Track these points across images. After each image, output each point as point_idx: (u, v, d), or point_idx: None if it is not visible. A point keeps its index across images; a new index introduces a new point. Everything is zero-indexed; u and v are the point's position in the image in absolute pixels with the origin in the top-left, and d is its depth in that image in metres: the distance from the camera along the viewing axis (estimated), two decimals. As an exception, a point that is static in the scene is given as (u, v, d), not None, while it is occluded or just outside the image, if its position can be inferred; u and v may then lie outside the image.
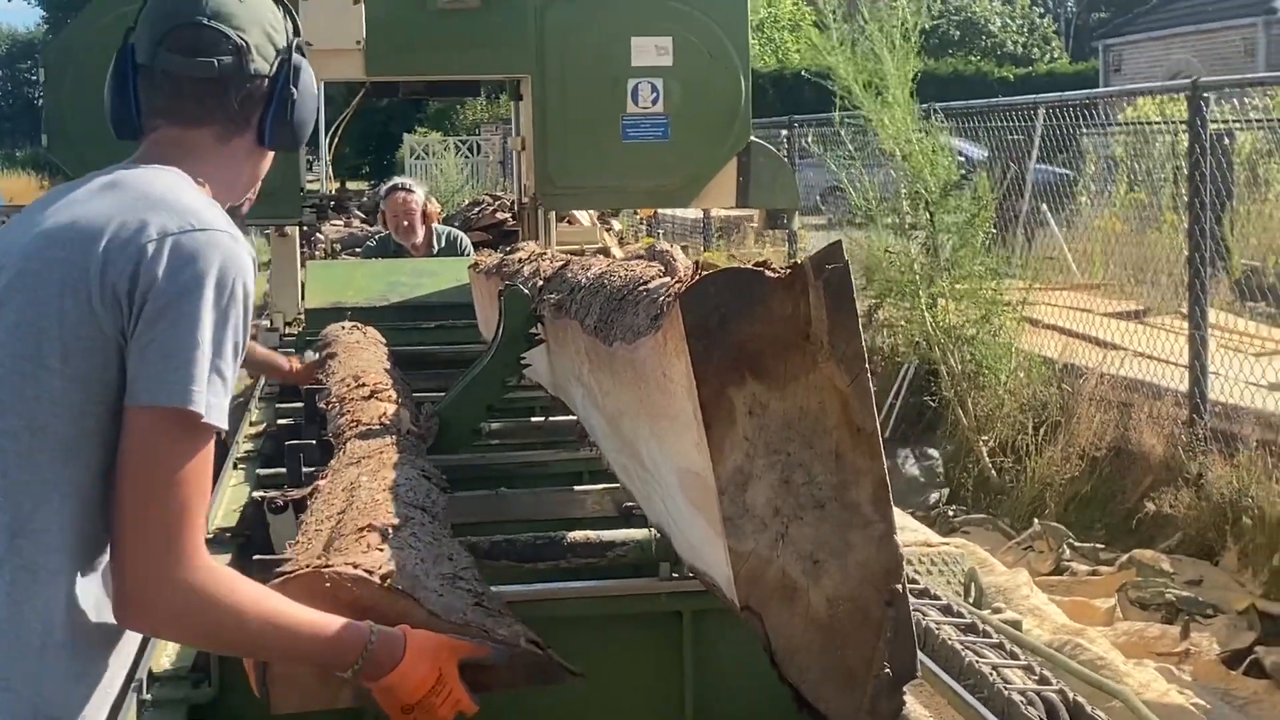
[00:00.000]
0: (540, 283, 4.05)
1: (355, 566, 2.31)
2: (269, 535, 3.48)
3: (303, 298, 7.50)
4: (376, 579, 2.29)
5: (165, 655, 2.78)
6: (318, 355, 5.29)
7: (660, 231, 21.27)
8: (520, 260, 4.88)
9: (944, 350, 9.53)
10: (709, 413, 2.11)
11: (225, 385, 2.06)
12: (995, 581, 5.35)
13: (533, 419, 4.79)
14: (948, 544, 4.32)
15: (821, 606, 2.11)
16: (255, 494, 3.42)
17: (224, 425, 2.08)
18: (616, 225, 21.03)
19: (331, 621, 2.12)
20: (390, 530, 2.58)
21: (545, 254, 4.92)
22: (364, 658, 2.13)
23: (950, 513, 8.53)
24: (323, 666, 2.16)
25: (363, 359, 4.87)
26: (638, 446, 2.68)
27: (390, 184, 9.24)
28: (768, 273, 2.11)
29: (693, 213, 20.08)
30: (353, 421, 3.85)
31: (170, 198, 2.15)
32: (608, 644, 2.84)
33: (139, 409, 2.00)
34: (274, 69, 2.38)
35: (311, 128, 2.56)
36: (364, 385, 4.26)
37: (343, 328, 5.68)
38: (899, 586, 2.12)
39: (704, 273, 2.13)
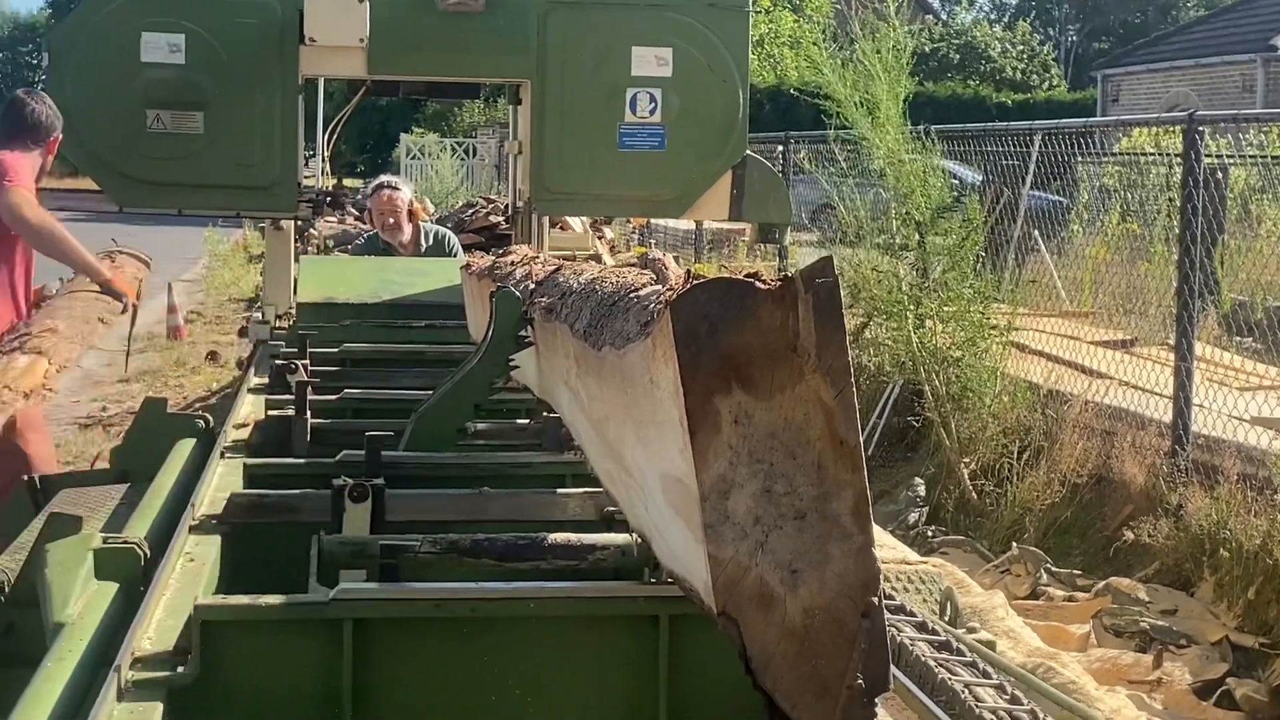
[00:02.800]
0: (532, 286, 4.07)
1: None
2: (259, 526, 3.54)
3: (295, 292, 7.51)
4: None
5: (146, 637, 2.79)
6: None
7: (652, 241, 21.32)
8: (513, 263, 4.90)
9: (929, 371, 9.56)
10: (695, 420, 2.13)
11: None
12: (972, 602, 5.37)
13: (518, 421, 4.81)
14: (926, 563, 4.34)
15: (798, 616, 2.13)
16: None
17: None
18: (609, 233, 21.08)
19: None
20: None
21: (538, 258, 4.94)
22: None
23: (929, 533, 8.56)
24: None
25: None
26: (622, 451, 2.70)
27: (376, 182, 9.29)
28: (758, 284, 2.13)
29: (685, 224, 20.11)
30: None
31: None
32: (584, 646, 2.85)
33: None
34: None
35: None
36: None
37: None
38: (875, 600, 2.14)
39: (695, 281, 2.16)
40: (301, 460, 4.28)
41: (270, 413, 4.91)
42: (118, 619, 3.00)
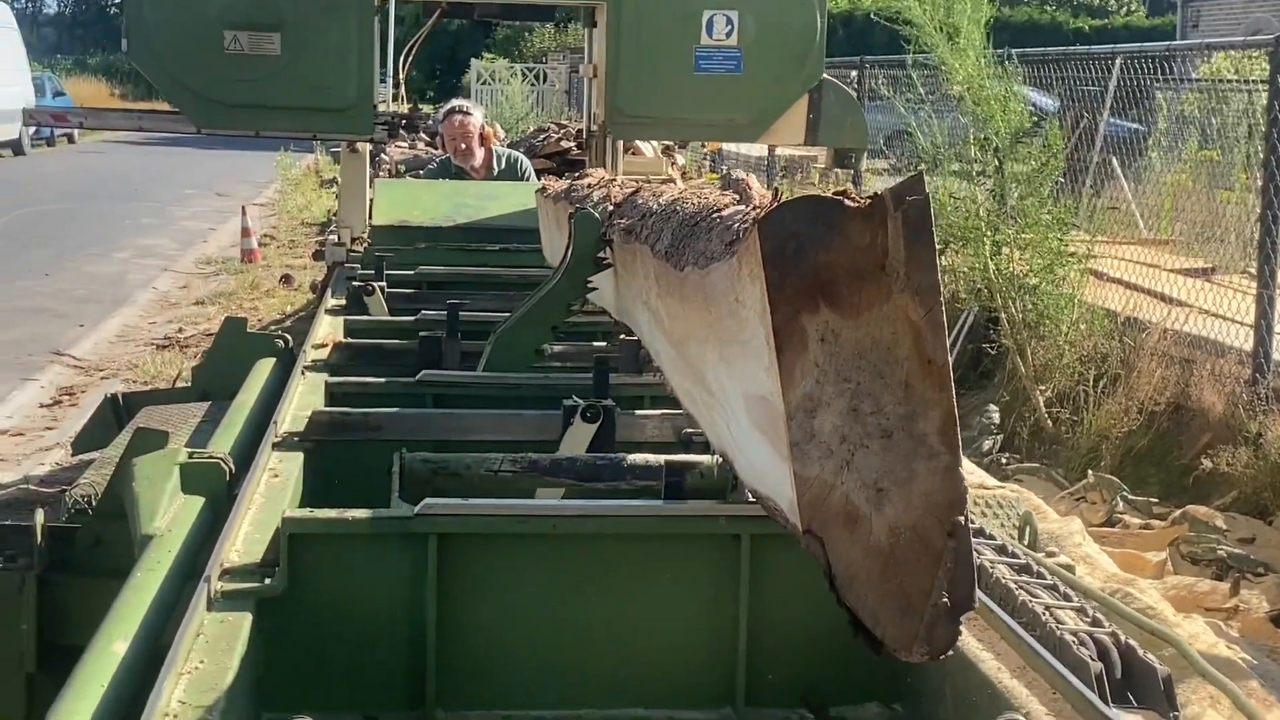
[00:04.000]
0: (610, 208, 4.08)
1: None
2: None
3: (370, 215, 7.54)
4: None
5: (234, 550, 2.84)
6: None
7: (725, 167, 21.21)
8: (590, 186, 4.90)
9: (1005, 298, 9.49)
10: (782, 338, 2.14)
11: None
12: (1048, 529, 5.37)
13: (595, 343, 4.83)
14: (1004, 487, 4.33)
15: (883, 534, 2.14)
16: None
17: None
18: (681, 159, 20.99)
19: None
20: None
21: (615, 180, 4.94)
22: None
23: (1003, 460, 8.53)
24: None
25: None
26: (704, 371, 2.70)
27: (448, 106, 9.25)
28: (847, 202, 2.13)
29: (758, 149, 20.01)
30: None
31: None
32: (665, 564, 2.88)
33: None
34: None
35: None
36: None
37: None
38: (961, 519, 2.14)
39: (783, 200, 2.16)
40: (382, 380, 4.31)
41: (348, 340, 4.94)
42: (204, 532, 3.06)
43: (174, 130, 7.31)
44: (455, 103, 9.34)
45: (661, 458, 3.35)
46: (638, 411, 3.89)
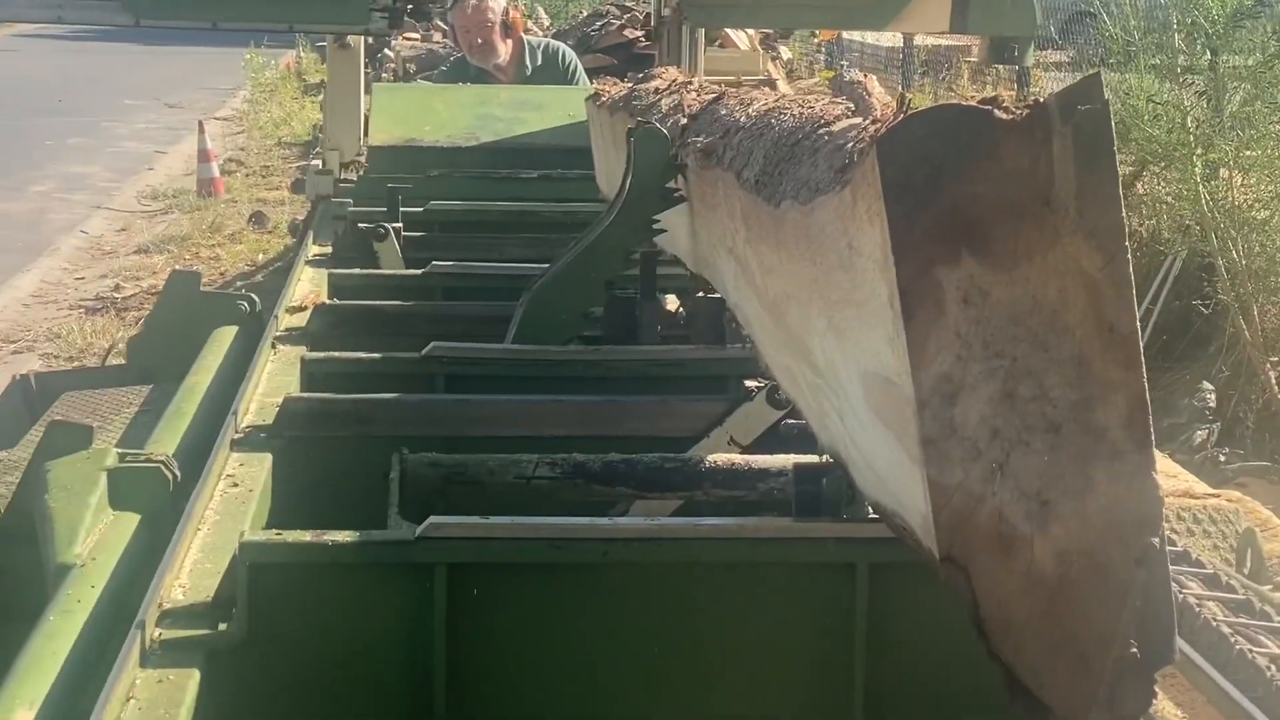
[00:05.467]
0: (684, 121, 4.07)
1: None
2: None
3: (366, 133, 7.57)
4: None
5: (178, 585, 2.86)
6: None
7: (844, 63, 21.19)
8: (657, 91, 4.90)
9: (1223, 239, 9.41)
10: (910, 299, 2.12)
11: None
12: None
13: (666, 302, 4.83)
14: (1218, 496, 4.29)
15: (1049, 562, 2.13)
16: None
17: None
18: (786, 52, 21.01)
19: None
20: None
21: (691, 84, 4.93)
22: None
23: (1221, 457, 8.47)
24: None
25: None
26: (809, 342, 2.70)
27: None
28: (998, 113, 2.11)
29: (888, 39, 19.95)
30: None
31: None
32: (754, 601, 2.87)
33: None
34: None
35: None
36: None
37: None
38: (1156, 542, 2.12)
39: (911, 111, 2.14)
40: (376, 355, 4.33)
41: (332, 289, 4.97)
42: (140, 561, 3.08)
43: (103, 21, 7.36)
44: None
45: (751, 459, 3.35)
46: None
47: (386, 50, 19.38)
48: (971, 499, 2.13)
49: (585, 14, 23.43)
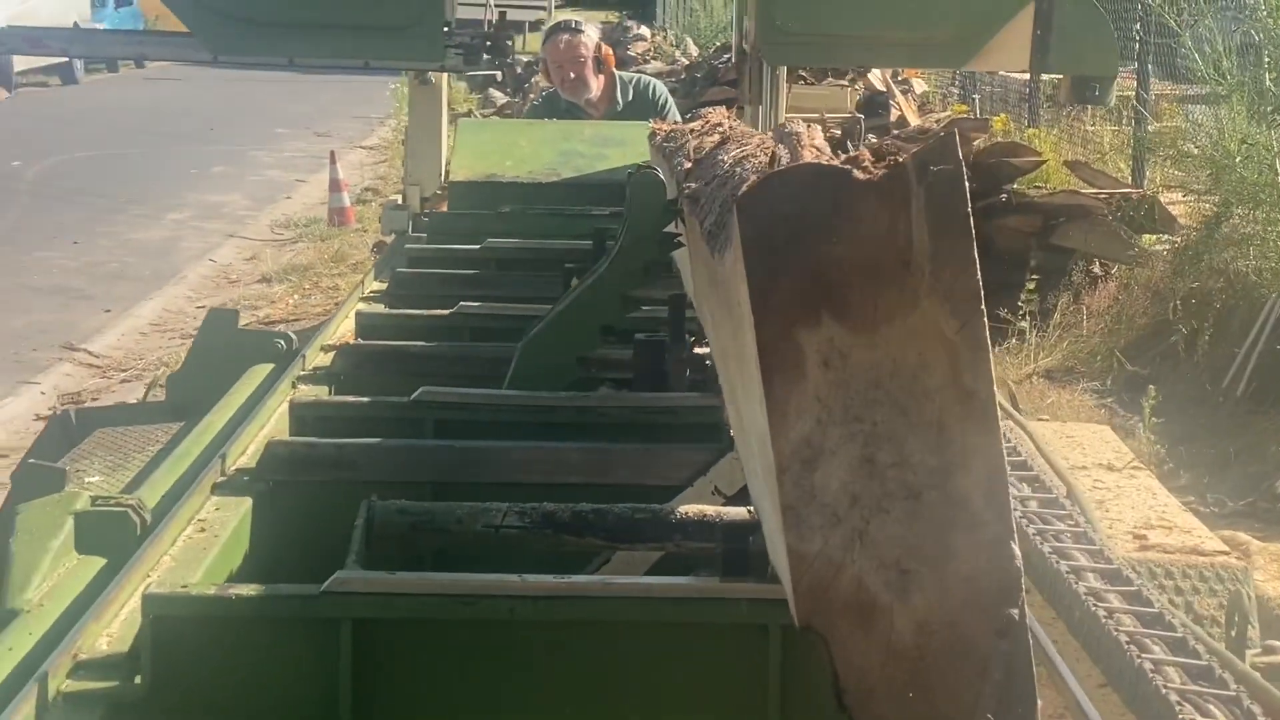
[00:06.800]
0: (687, 166, 4.02)
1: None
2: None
3: (447, 169, 7.58)
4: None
5: (106, 634, 2.85)
6: None
7: (976, 97, 21.01)
8: (691, 132, 4.84)
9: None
10: (769, 361, 2.09)
11: None
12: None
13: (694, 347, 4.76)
14: (1227, 553, 4.17)
15: (909, 632, 2.09)
16: None
17: None
18: (920, 85, 20.82)
19: None
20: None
21: (723, 125, 4.86)
22: None
23: (1301, 507, 8.29)
24: None
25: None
26: (735, 398, 2.67)
27: (552, 23, 9.29)
28: (856, 173, 2.06)
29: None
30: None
31: None
32: (669, 662, 2.82)
33: None
34: None
35: None
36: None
37: None
38: (1015, 612, 2.07)
39: (770, 171, 2.10)
40: (365, 399, 4.30)
41: (359, 329, 4.95)
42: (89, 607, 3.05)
43: (183, 58, 7.45)
44: (563, 19, 9.37)
45: (726, 511, 3.29)
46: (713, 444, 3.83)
47: (534, 79, 19.44)
48: (832, 567, 2.09)
49: (718, 45, 23.44)
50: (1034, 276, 11.70)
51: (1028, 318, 11.34)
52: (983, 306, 2.05)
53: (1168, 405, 9.93)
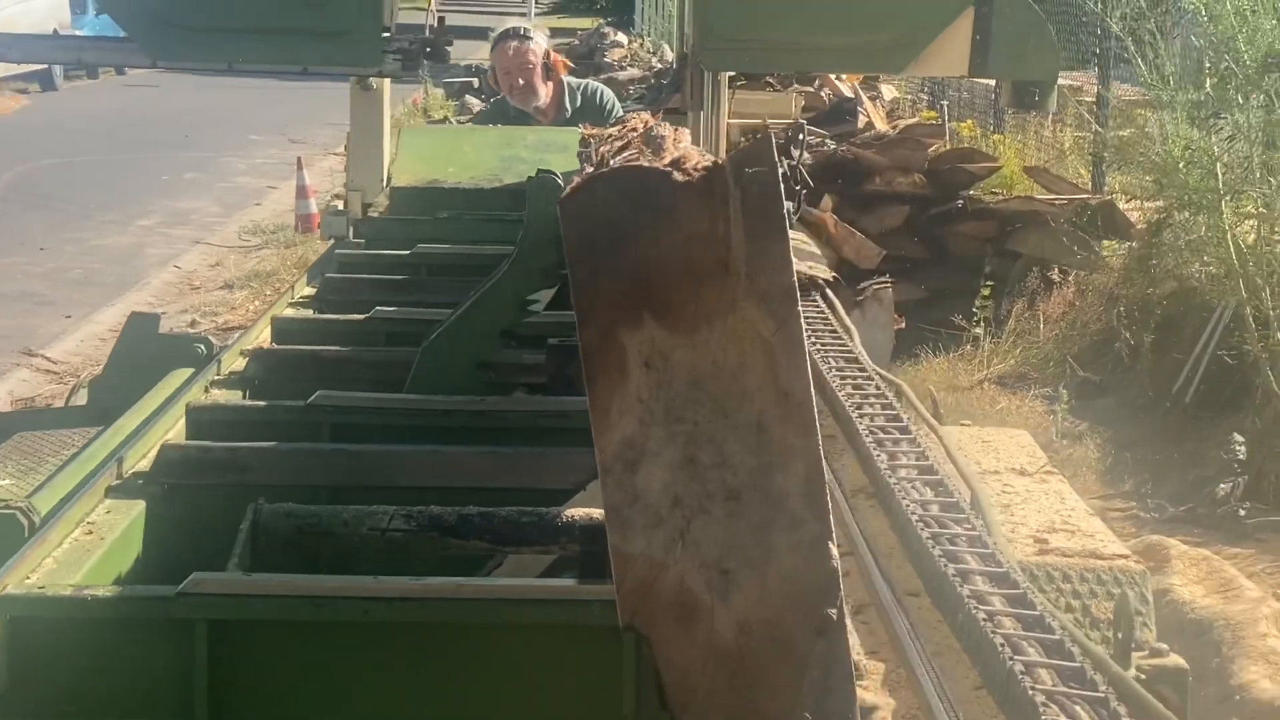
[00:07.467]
0: (589, 170, 4.03)
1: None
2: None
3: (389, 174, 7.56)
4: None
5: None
6: None
7: (945, 103, 20.96)
8: (606, 138, 4.84)
9: (1253, 287, 9.16)
10: (593, 362, 2.09)
11: None
12: (1228, 611, 5.19)
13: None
14: (1127, 558, 4.17)
15: (729, 632, 2.09)
16: None
17: None
18: (889, 92, 20.75)
19: None
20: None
21: (639, 129, 4.86)
22: None
23: (1242, 511, 8.27)
24: None
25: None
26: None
27: (499, 30, 9.28)
28: (676, 175, 2.07)
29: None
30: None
31: None
32: (521, 664, 2.81)
33: None
34: None
35: None
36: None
37: None
38: (833, 611, 2.07)
39: (595, 173, 2.10)
40: (261, 404, 4.29)
41: (275, 333, 4.94)
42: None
43: (123, 63, 7.52)
44: (511, 25, 9.35)
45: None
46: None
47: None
48: (653, 567, 2.09)
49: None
50: (989, 283, 11.72)
51: (982, 324, 11.35)
52: (799, 308, 2.06)
53: (1117, 411, 9.92)
